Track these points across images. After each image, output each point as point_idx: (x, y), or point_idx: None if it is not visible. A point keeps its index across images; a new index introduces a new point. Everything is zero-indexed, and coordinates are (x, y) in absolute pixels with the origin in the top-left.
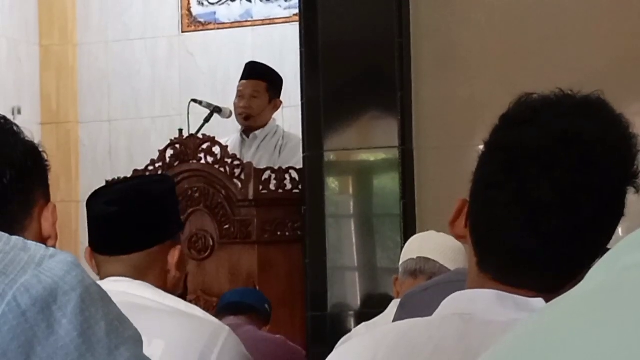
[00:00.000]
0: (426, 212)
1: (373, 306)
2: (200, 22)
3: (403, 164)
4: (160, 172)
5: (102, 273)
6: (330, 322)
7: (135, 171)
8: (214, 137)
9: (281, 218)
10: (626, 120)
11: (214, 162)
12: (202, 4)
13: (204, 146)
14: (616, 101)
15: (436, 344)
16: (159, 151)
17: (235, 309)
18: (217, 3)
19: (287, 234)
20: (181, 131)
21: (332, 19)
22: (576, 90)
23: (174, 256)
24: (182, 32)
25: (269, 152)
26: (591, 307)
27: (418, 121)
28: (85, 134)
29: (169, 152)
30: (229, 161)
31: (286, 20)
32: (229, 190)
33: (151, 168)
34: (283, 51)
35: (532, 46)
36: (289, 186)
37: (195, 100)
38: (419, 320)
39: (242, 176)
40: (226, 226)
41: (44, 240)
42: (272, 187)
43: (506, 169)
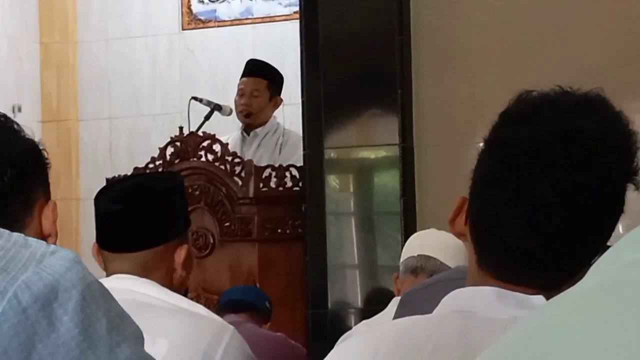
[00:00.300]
0: (426, 209)
1: (373, 304)
2: (200, 20)
3: (403, 162)
4: (160, 169)
5: (108, 270)
6: (330, 320)
7: (135, 169)
8: (214, 135)
9: (281, 216)
10: (626, 117)
11: (214, 160)
12: (203, 1)
13: (205, 144)
14: (617, 99)
15: (436, 341)
16: (159, 149)
17: (236, 306)
18: (217, 1)
19: (287, 231)
20: (181, 129)
21: (332, 17)
22: (576, 88)
23: (180, 255)
24: (183, 29)
25: (269, 150)
26: (591, 304)
27: (418, 119)
28: (85, 132)
29: (170, 150)
30: (230, 159)
31: (286, 18)
32: (230, 188)
33: (151, 166)
34: (283, 49)
35: (532, 44)
36: (289, 184)
37: (195, 98)
38: (419, 317)
39: (243, 174)
40: (227, 224)
41: (45, 238)
42: (272, 184)
43: (506, 167)
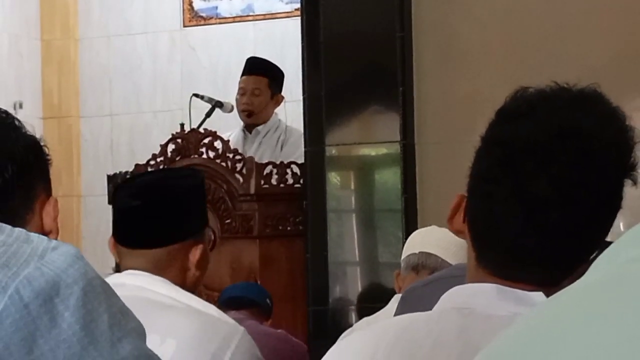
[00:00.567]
0: (427, 207)
1: (374, 301)
2: (201, 17)
3: (404, 159)
4: (161, 166)
5: (122, 265)
6: (331, 317)
7: (136, 166)
8: (215, 132)
9: (282, 213)
10: (622, 112)
11: (215, 157)
12: None
13: (206, 141)
14: (618, 96)
15: (436, 338)
16: (160, 146)
17: (237, 303)
18: None
19: (288, 228)
20: (182, 126)
21: (333, 13)
22: (572, 84)
23: (195, 254)
24: (184, 26)
25: (271, 147)
26: (592, 300)
27: (419, 116)
28: (86, 128)
29: (171, 147)
30: (231, 156)
31: (288, 15)
32: (231, 184)
33: (152, 163)
34: (284, 46)
35: (533, 41)
36: (290, 181)
37: (196, 95)
38: (418, 314)
39: (244, 171)
40: (228, 221)
41: (46, 235)
42: (273, 181)
43: (503, 164)
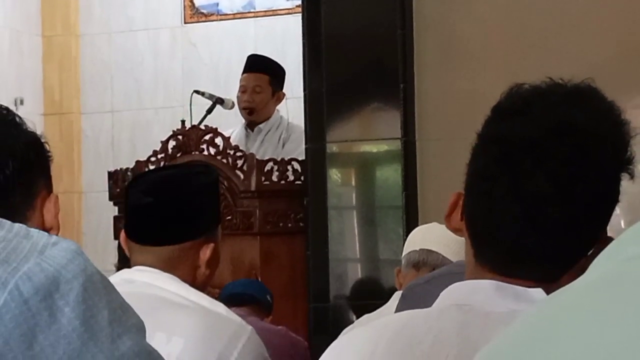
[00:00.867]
0: (428, 204)
1: (375, 298)
2: (202, 13)
3: (405, 156)
4: (162, 163)
5: (132, 260)
6: (332, 314)
7: (137, 162)
8: (216, 128)
9: (283, 209)
10: (618, 107)
11: (216, 154)
12: None
13: (207, 137)
14: (618, 94)
15: (435, 334)
16: (161, 142)
17: (237, 300)
18: None
19: (289, 225)
20: (183, 122)
21: (334, 10)
22: (573, 80)
23: (205, 253)
24: (185, 23)
25: (273, 145)
26: (593, 298)
27: (420, 113)
28: (87, 125)
29: (172, 143)
30: (232, 152)
31: (289, 12)
32: (231, 181)
33: (153, 159)
34: (285, 43)
35: (534, 38)
36: (291, 178)
37: (197, 92)
38: (418, 311)
39: (245, 167)
40: (228, 217)
41: (46, 231)
42: (274, 178)
43: (500, 162)
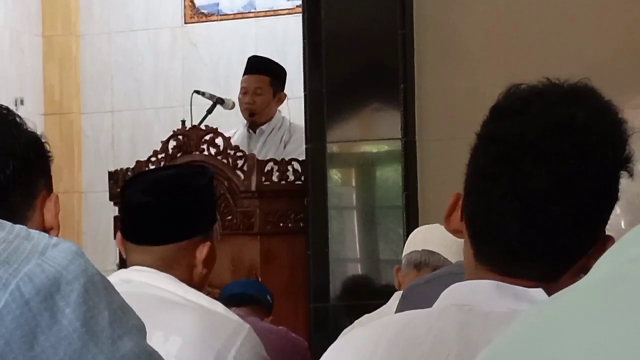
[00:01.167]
0: (428, 204)
1: (375, 298)
2: (203, 13)
3: (405, 156)
4: (162, 163)
5: (129, 260)
6: (332, 314)
7: (137, 162)
8: (216, 129)
9: (284, 209)
10: (615, 106)
11: (216, 154)
12: None
13: (207, 137)
14: (618, 93)
15: (436, 334)
16: (161, 142)
17: (238, 300)
18: None
19: (289, 225)
20: (184, 122)
21: (335, 10)
22: (570, 80)
23: (202, 252)
24: (185, 23)
25: (275, 146)
26: (595, 298)
27: (421, 113)
28: (88, 125)
29: (172, 143)
30: (232, 152)
31: (289, 12)
32: (232, 181)
33: (153, 159)
34: (286, 43)
35: (535, 38)
36: (291, 178)
37: (197, 92)
38: (418, 311)
39: (245, 167)
40: (229, 217)
41: (47, 231)
42: (274, 178)
43: (499, 161)
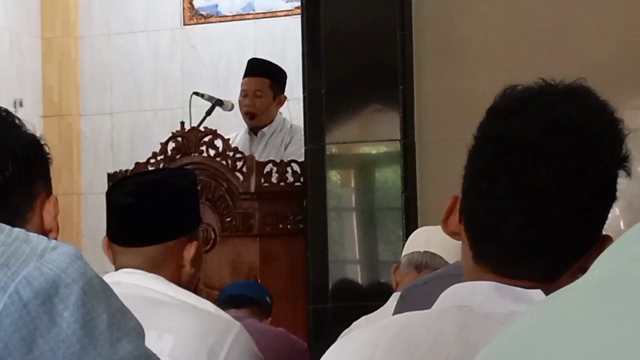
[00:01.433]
0: (428, 205)
1: (374, 299)
2: (202, 15)
3: (405, 157)
4: (162, 165)
5: (117, 263)
6: (331, 315)
7: (137, 164)
8: (215, 130)
9: (283, 211)
10: (611, 105)
11: (215, 155)
12: None
13: (206, 139)
14: (618, 93)
15: (435, 336)
16: (160, 144)
17: (237, 301)
18: None
19: (288, 226)
20: (183, 124)
21: (334, 11)
22: (566, 81)
23: (189, 252)
24: (184, 24)
25: (275, 148)
26: (594, 298)
27: (420, 114)
28: (87, 126)
29: (171, 145)
30: (231, 154)
31: (288, 13)
32: (231, 183)
33: (153, 161)
34: (285, 44)
35: (534, 38)
36: (290, 179)
37: (197, 93)
38: (417, 313)
39: (244, 169)
40: (228, 219)
41: (46, 233)
42: (273, 180)
43: (498, 161)
